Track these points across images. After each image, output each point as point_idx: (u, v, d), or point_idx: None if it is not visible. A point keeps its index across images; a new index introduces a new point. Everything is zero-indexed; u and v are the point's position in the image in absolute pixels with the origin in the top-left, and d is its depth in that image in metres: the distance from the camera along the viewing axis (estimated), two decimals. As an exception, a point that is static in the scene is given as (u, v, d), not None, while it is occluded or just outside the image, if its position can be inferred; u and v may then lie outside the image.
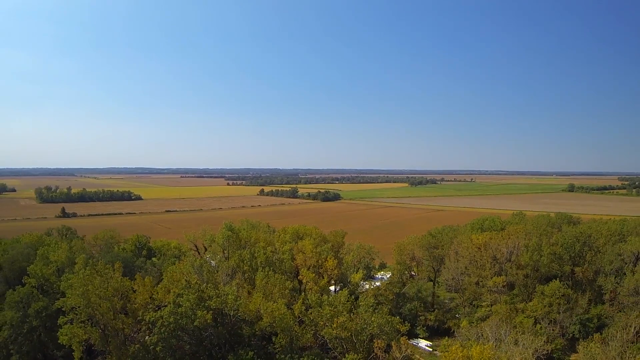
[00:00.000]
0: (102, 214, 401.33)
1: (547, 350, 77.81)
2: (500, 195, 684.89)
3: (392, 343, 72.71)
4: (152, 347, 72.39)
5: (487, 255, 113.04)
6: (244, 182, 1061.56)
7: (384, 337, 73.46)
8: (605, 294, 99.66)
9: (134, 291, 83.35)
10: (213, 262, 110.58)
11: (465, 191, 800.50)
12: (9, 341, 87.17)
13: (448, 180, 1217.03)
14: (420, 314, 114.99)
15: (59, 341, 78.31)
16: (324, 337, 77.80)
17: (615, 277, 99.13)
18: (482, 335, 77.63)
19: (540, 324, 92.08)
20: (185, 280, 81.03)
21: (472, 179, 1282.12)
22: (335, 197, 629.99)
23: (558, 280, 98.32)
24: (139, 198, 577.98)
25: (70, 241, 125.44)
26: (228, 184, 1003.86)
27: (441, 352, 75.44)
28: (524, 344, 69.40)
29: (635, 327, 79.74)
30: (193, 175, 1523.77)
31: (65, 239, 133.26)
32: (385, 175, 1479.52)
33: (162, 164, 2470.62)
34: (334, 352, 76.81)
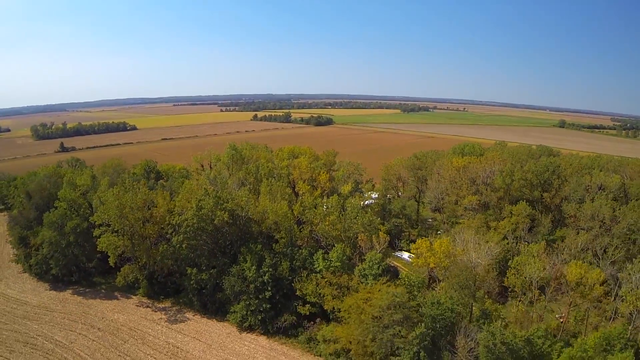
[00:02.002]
0: (100, 146, 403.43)
1: (499, 253, 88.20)
2: (492, 126, 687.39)
3: (373, 237, 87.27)
4: (177, 245, 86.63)
5: (465, 177, 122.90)
6: (237, 108, 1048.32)
7: (366, 233, 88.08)
8: (567, 218, 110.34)
9: (155, 206, 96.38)
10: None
11: (457, 120, 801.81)
12: (48, 257, 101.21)
13: (440, 109, 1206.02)
14: (404, 230, 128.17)
15: (97, 248, 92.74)
16: (317, 234, 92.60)
17: (577, 204, 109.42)
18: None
19: (507, 239, 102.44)
20: (204, 189, 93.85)
21: (464, 109, 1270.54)
22: (328, 122, 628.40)
23: (525, 202, 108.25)
24: (134, 128, 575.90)
25: (92, 167, 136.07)
26: (221, 111, 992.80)
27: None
28: (482, 247, 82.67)
29: (581, 244, 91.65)
30: (186, 103, 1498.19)
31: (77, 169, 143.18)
32: (378, 101, 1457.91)
33: (153, 94, 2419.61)
34: (326, 249, 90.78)
